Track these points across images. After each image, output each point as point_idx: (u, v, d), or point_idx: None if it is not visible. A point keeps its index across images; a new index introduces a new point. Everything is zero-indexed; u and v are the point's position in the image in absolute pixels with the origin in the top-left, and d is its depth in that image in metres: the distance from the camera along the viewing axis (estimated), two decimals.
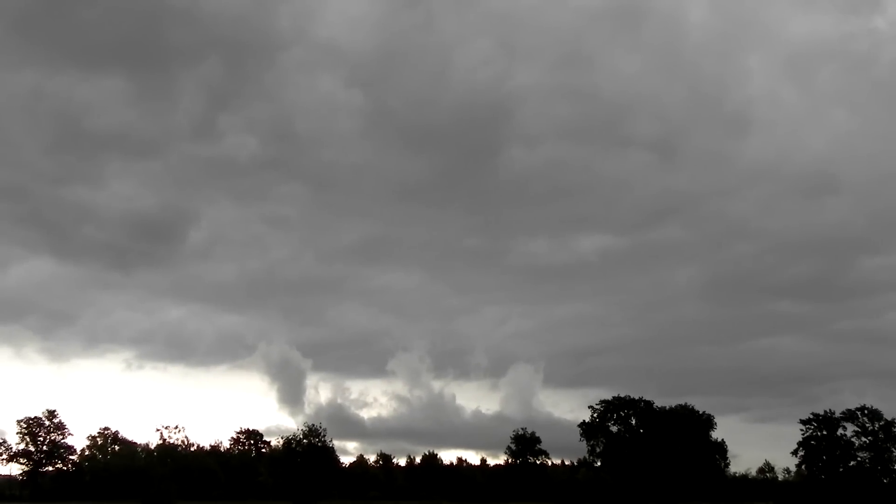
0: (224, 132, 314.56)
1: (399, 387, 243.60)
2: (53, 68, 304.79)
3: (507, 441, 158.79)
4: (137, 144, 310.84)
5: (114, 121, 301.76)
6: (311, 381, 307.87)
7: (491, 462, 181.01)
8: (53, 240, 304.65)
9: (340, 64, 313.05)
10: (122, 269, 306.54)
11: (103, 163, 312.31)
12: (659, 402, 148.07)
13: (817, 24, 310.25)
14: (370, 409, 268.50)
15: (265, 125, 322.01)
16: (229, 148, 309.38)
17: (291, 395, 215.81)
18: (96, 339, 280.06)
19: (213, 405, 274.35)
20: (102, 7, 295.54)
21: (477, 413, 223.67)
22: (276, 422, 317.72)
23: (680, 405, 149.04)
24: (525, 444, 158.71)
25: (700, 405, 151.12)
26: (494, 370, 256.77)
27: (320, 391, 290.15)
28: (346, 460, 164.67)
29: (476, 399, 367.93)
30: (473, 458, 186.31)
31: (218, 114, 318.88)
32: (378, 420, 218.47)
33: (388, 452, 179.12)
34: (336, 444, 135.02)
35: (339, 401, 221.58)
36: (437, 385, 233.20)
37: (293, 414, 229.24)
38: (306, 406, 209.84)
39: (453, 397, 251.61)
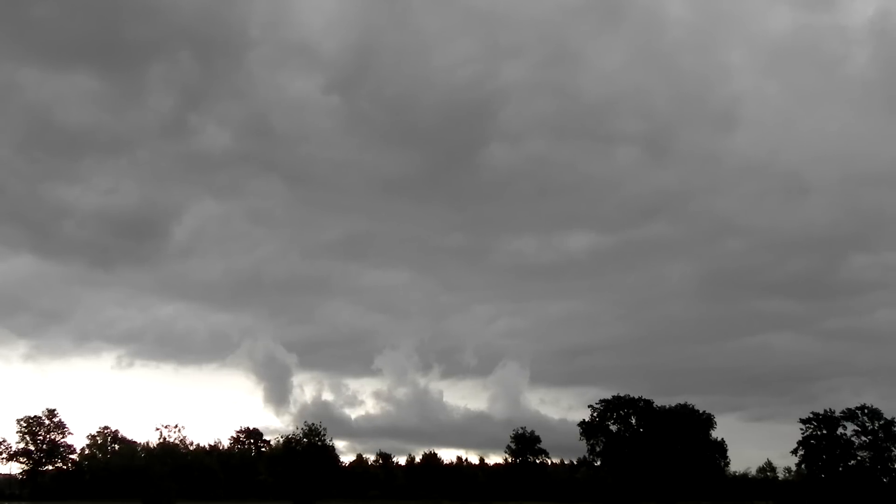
0: (199, 127, 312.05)
1: (387, 385, 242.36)
2: (20, 64, 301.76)
3: (497, 439, 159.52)
4: (110, 141, 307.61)
5: (85, 117, 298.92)
6: (298, 379, 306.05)
7: (480, 460, 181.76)
8: (34, 238, 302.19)
9: (320, 59, 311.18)
10: (105, 266, 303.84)
11: (78, 160, 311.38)
12: (652, 401, 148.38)
13: (799, 20, 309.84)
14: (357, 407, 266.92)
15: (241, 121, 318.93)
16: (204, 143, 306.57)
17: (278, 394, 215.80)
18: (84, 338, 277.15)
19: (205, 403, 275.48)
20: (69, 2, 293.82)
21: (465, 411, 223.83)
22: (269, 420, 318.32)
23: (680, 404, 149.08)
24: (525, 443, 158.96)
25: (695, 403, 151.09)
26: (483, 368, 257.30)
27: (306, 389, 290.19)
28: None
29: (464, 397, 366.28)
30: (465, 457, 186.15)
31: (192, 109, 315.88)
32: (365, 419, 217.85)
33: (375, 451, 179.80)
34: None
35: (325, 399, 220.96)
36: (424, 383, 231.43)
37: (279, 413, 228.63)
38: (292, 405, 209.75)
39: (441, 395, 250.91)
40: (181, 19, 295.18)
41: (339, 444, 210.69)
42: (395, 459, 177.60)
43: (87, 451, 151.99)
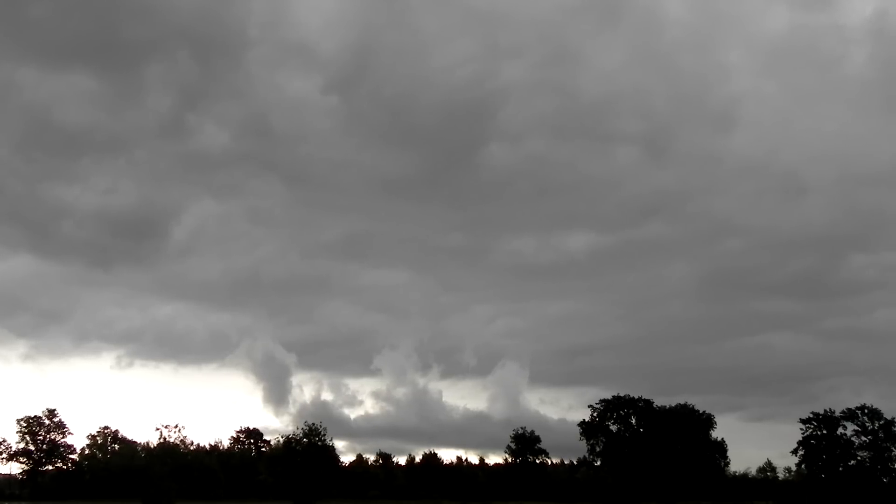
0: (197, 127, 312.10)
1: (386, 385, 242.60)
2: (18, 64, 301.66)
3: (496, 439, 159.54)
4: (108, 141, 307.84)
5: (83, 117, 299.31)
6: (297, 379, 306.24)
7: (479, 460, 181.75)
8: (33, 238, 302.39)
9: (318, 59, 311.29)
10: (104, 266, 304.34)
11: (76, 160, 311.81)
12: (652, 401, 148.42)
13: (796, 19, 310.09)
14: (356, 407, 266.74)
15: (240, 121, 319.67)
16: (203, 143, 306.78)
17: (277, 394, 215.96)
18: (83, 338, 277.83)
19: (205, 403, 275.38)
20: (67, 2, 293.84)
21: (464, 411, 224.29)
22: (268, 420, 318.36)
23: (680, 404, 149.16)
24: (525, 443, 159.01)
25: (694, 404, 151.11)
26: (482, 368, 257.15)
27: (305, 389, 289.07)
28: None
29: (464, 397, 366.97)
30: (465, 457, 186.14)
31: (190, 109, 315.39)
32: (364, 419, 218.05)
33: (374, 451, 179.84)
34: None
35: (324, 399, 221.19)
36: (424, 383, 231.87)
37: (278, 413, 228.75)
38: (291, 405, 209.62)
39: (440, 395, 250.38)
40: (179, 19, 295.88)
41: (338, 444, 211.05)
42: (395, 459, 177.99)
43: (87, 451, 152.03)
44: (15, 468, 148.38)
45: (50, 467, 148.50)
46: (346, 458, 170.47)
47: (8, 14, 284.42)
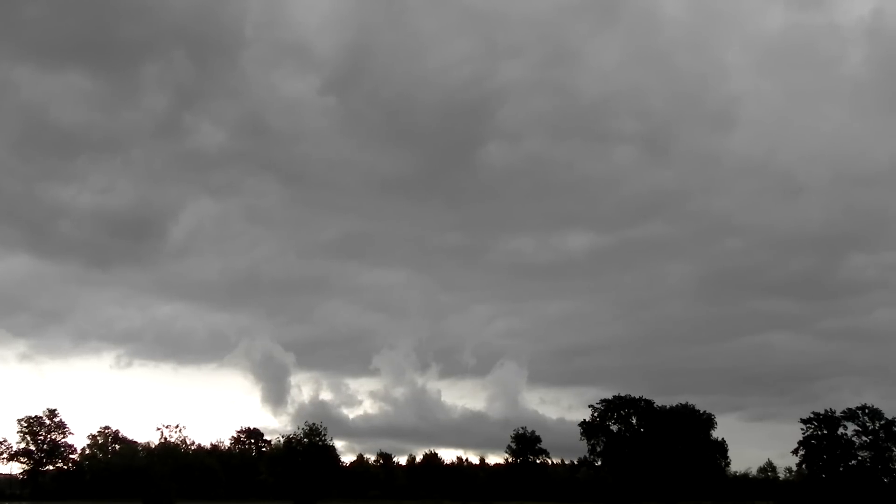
0: (193, 127, 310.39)
1: (384, 385, 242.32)
2: (14, 64, 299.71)
3: (495, 439, 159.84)
4: (104, 140, 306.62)
5: (79, 117, 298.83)
6: (295, 379, 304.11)
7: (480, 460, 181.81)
8: (30, 237, 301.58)
9: (315, 59, 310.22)
10: (102, 266, 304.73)
11: (73, 159, 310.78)
12: (653, 401, 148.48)
13: (793, 19, 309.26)
14: (355, 407, 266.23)
15: (236, 120, 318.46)
16: (200, 143, 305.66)
17: (275, 394, 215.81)
18: (82, 337, 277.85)
19: (204, 403, 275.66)
20: (63, 2, 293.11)
21: (463, 411, 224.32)
22: (266, 420, 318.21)
23: (680, 404, 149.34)
24: (525, 443, 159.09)
25: (695, 404, 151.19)
26: (481, 368, 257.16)
27: (304, 389, 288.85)
28: None
29: (462, 397, 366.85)
30: (465, 456, 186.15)
31: (186, 108, 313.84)
32: (363, 418, 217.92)
33: (372, 451, 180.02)
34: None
35: (322, 399, 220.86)
36: (422, 383, 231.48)
37: (276, 413, 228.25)
38: (289, 405, 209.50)
39: (439, 395, 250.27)
40: (175, 18, 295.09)
41: (337, 444, 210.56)
42: (395, 459, 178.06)
43: (87, 451, 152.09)
44: (15, 468, 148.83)
45: (50, 467, 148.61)
46: (345, 458, 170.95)
47: (4, 13, 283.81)
